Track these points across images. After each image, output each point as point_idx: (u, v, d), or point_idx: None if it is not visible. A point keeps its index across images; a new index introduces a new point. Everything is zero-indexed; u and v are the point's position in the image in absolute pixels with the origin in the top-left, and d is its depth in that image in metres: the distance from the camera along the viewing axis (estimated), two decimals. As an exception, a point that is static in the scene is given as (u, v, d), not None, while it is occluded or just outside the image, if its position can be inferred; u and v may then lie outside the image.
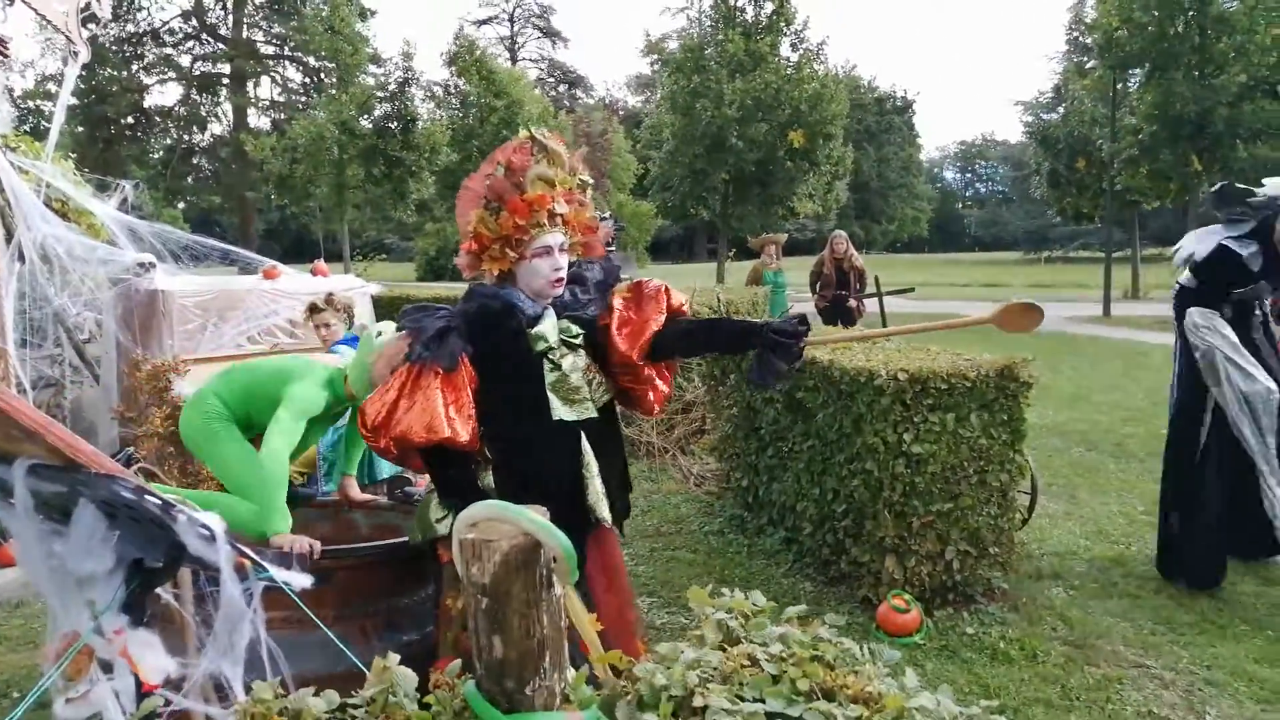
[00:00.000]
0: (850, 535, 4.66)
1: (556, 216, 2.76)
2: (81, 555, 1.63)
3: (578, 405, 2.82)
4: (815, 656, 1.28)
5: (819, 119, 25.40)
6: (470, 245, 2.77)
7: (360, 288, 7.13)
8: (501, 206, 2.70)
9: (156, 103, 48.24)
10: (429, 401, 2.58)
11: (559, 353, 2.81)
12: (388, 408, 2.63)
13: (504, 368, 2.74)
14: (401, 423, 2.59)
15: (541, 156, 2.75)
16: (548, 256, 2.74)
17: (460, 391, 2.65)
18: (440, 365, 2.63)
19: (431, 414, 2.56)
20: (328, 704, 1.23)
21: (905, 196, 62.03)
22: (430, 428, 2.56)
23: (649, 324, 2.88)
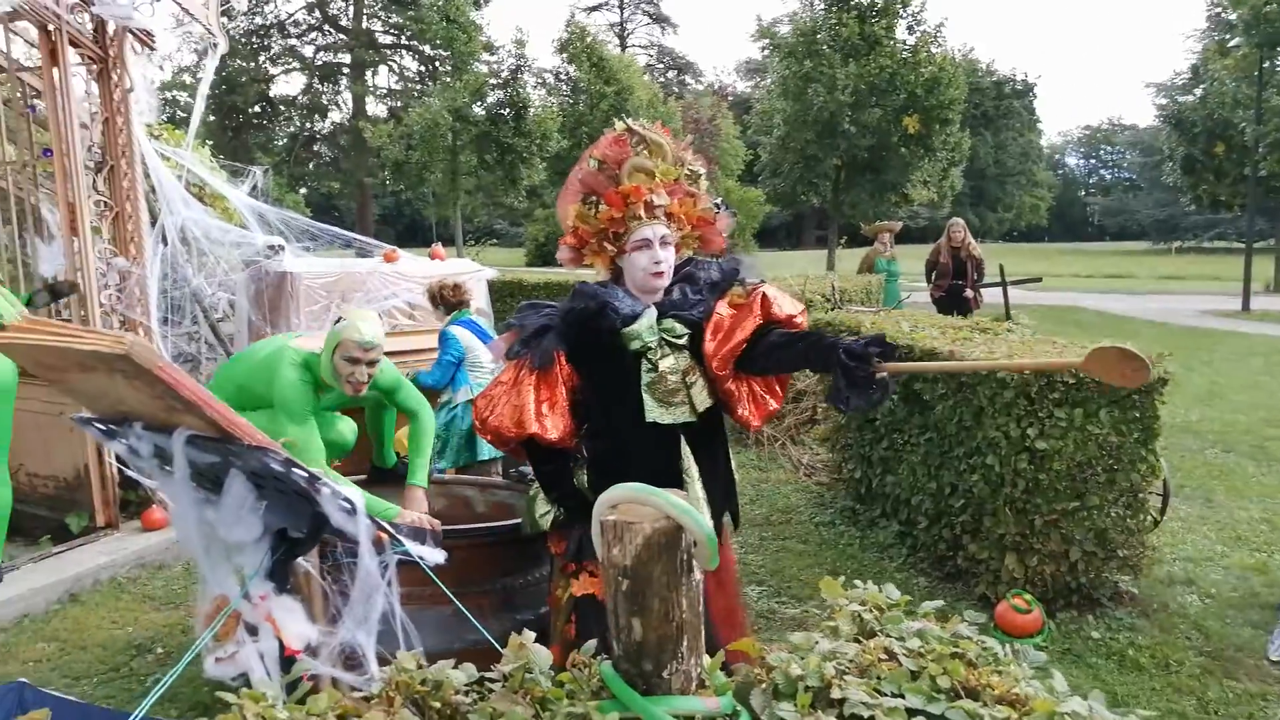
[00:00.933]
0: (968, 531, 4.53)
1: (656, 208, 2.68)
2: (231, 523, 1.71)
3: (674, 408, 2.73)
4: (956, 653, 1.24)
5: (936, 104, 24.69)
6: (570, 239, 2.77)
7: (476, 272, 7.28)
8: (598, 200, 2.67)
9: (281, 92, 50.23)
10: (522, 398, 2.62)
11: (658, 353, 2.72)
12: (492, 402, 2.69)
13: (601, 367, 2.73)
14: (496, 416, 2.65)
15: (641, 147, 2.70)
16: (646, 250, 2.66)
17: (554, 389, 2.67)
18: (534, 362, 2.66)
19: (522, 409, 2.60)
20: (467, 676, 1.26)
21: (1024, 183, 59.76)
22: (519, 422, 2.60)
23: (736, 333, 2.73)
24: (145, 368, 1.49)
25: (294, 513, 1.72)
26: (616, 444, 2.76)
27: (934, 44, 26.33)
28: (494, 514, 4.40)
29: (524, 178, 29.37)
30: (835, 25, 25.49)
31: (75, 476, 5.50)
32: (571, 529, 2.78)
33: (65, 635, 4.41)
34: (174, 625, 4.52)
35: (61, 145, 5.15)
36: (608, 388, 2.74)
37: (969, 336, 5.07)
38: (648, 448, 2.71)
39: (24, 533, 5.29)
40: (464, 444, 5.63)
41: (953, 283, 10.63)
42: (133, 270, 5.55)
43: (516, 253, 45.21)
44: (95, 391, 1.75)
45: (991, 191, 58.31)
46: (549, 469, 2.79)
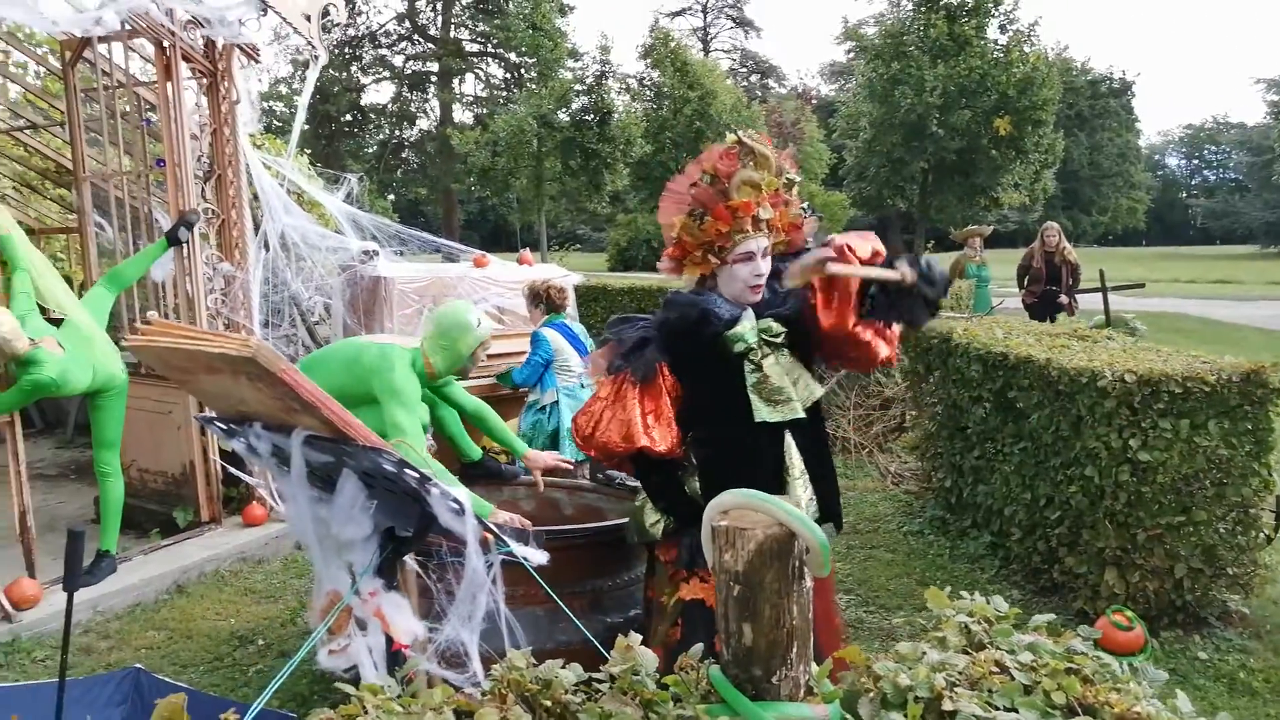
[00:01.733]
0: (1065, 544, 4.41)
1: (761, 222, 2.71)
2: (343, 520, 1.78)
3: (781, 406, 2.76)
4: (1071, 669, 1.22)
5: (1028, 104, 24.05)
6: (673, 251, 2.79)
7: (563, 277, 7.35)
8: (706, 213, 2.68)
9: (372, 100, 51.50)
10: (627, 412, 2.65)
11: (759, 353, 2.77)
12: (595, 418, 2.72)
13: (705, 373, 2.75)
14: (603, 433, 2.68)
15: (748, 160, 2.71)
16: (749, 262, 2.70)
17: (659, 400, 2.69)
18: (636, 376, 2.69)
19: (629, 423, 2.63)
20: (576, 676, 1.28)
21: (1120, 185, 57.70)
22: (628, 437, 2.63)
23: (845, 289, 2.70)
24: (269, 369, 1.56)
25: (402, 512, 1.77)
26: (725, 448, 2.78)
27: (1027, 43, 25.66)
28: (581, 516, 4.45)
29: (607, 183, 29.58)
30: (924, 26, 25.04)
31: (182, 473, 5.74)
32: (681, 536, 2.81)
33: (173, 625, 4.61)
34: (273, 618, 4.68)
35: (174, 156, 5.39)
36: (714, 393, 2.76)
37: (1066, 344, 4.94)
38: (757, 449, 2.74)
39: (135, 526, 5.55)
40: (548, 445, 5.71)
41: (1046, 288, 10.33)
42: (237, 275, 5.77)
43: (598, 257, 45.54)
44: (219, 392, 1.83)
45: (1086, 194, 56.45)
46: (657, 479, 2.82)
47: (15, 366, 4.32)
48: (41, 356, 4.31)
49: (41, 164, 8.07)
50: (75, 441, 8.33)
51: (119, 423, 4.94)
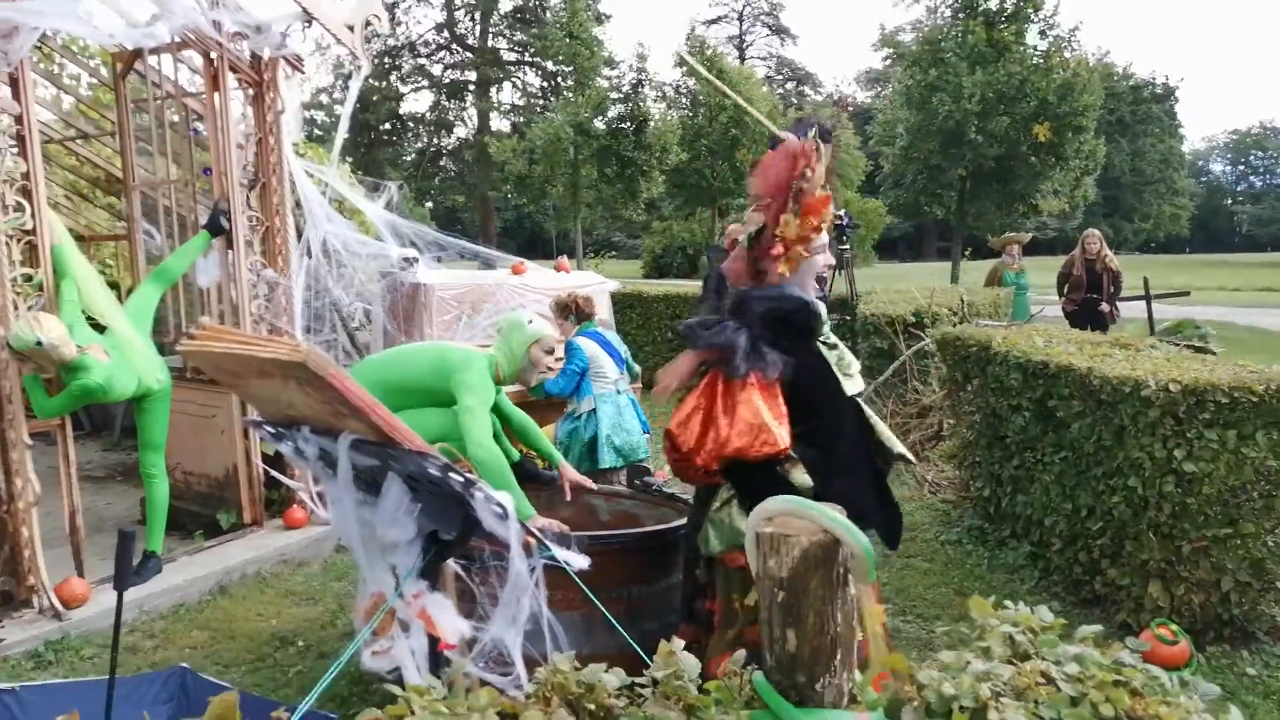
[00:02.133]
0: (1107, 555, 4.35)
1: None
2: (388, 523, 1.80)
3: (853, 379, 2.97)
4: (1119, 681, 1.21)
5: (1068, 110, 23.73)
6: (778, 249, 2.85)
7: (600, 284, 7.39)
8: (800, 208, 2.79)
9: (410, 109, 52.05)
10: (755, 415, 2.65)
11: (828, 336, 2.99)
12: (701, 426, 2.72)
13: (802, 360, 2.84)
14: (733, 439, 2.65)
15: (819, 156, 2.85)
16: (824, 253, 2.93)
17: (776, 398, 2.73)
18: (765, 375, 2.73)
19: (760, 427, 2.63)
20: (619, 680, 1.29)
21: (1162, 192, 56.76)
22: (766, 441, 2.63)
23: None
24: (319, 374, 1.60)
25: (446, 516, 1.79)
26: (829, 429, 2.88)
27: (1067, 49, 25.35)
28: (618, 522, 4.46)
29: (643, 190, 29.62)
30: (962, 32, 24.83)
31: (225, 476, 5.84)
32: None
33: (216, 625, 4.68)
34: (313, 620, 4.74)
35: (220, 164, 5.49)
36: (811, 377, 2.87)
37: (1108, 352, 4.87)
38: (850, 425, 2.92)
39: (180, 527, 5.64)
40: (585, 453, 5.73)
41: (1087, 296, 10.20)
42: (280, 281, 5.87)
43: (633, 265, 45.60)
44: (268, 396, 1.87)
45: (1127, 201, 55.60)
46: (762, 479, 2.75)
47: (64, 372, 4.43)
48: (89, 363, 4.43)
49: (92, 173, 8.25)
50: (122, 444, 8.49)
51: (163, 425, 5.04)
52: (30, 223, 4.47)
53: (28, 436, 4.51)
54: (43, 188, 4.55)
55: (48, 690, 3.14)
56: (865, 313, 8.29)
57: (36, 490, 4.54)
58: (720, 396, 2.72)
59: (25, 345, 4.23)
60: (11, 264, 4.42)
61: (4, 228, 4.36)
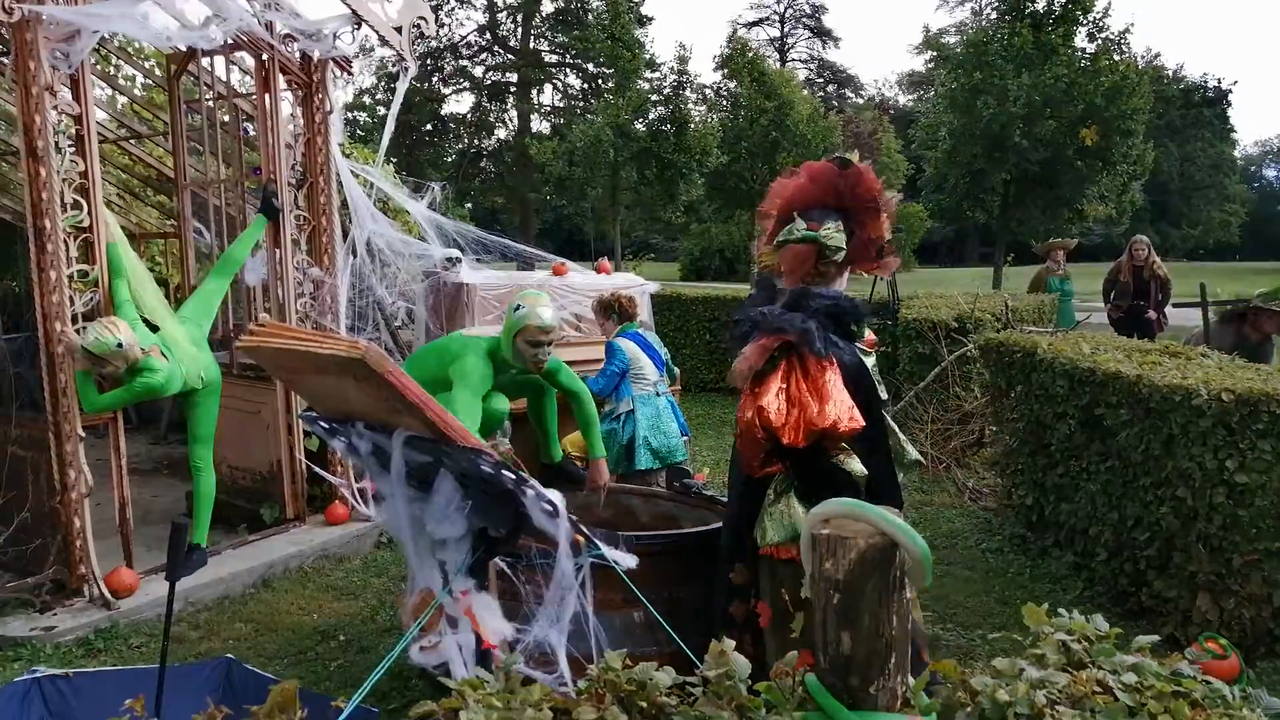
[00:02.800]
0: (1154, 567, 4.28)
1: None
2: (439, 520, 1.83)
3: (882, 385, 3.18)
4: (1178, 692, 1.19)
5: (1116, 114, 23.33)
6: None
7: (640, 285, 7.40)
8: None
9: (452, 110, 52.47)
10: (840, 392, 2.81)
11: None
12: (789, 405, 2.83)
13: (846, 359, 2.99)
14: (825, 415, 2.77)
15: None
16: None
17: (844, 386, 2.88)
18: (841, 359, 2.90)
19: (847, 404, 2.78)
20: (670, 679, 1.30)
21: (1213, 198, 55.64)
22: (854, 418, 2.77)
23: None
24: (377, 371, 1.62)
25: (495, 513, 1.81)
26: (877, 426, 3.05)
27: (1116, 51, 24.93)
28: (657, 524, 4.47)
29: (682, 193, 29.59)
30: (1008, 35, 24.51)
31: (269, 471, 5.93)
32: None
33: (259, 617, 4.76)
34: (354, 615, 4.79)
35: (269, 164, 5.58)
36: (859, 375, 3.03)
37: (1158, 360, 4.79)
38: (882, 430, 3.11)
39: (225, 521, 5.74)
40: (623, 454, 5.74)
41: (1134, 303, 10.04)
42: (326, 280, 5.95)
43: (671, 267, 45.63)
44: (323, 392, 1.91)
45: (1175, 207, 54.59)
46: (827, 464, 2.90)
47: (126, 373, 4.56)
48: (153, 364, 4.58)
49: (144, 171, 8.42)
50: (168, 438, 8.65)
51: (212, 420, 5.13)
52: (87, 220, 4.58)
53: (81, 429, 4.62)
54: (99, 187, 4.66)
55: (98, 677, 3.22)
56: (907, 317, 8.23)
57: (89, 482, 4.65)
58: (802, 379, 2.85)
59: (105, 349, 4.37)
60: (69, 261, 4.53)
61: (62, 225, 4.46)
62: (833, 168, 3.18)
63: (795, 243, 3.12)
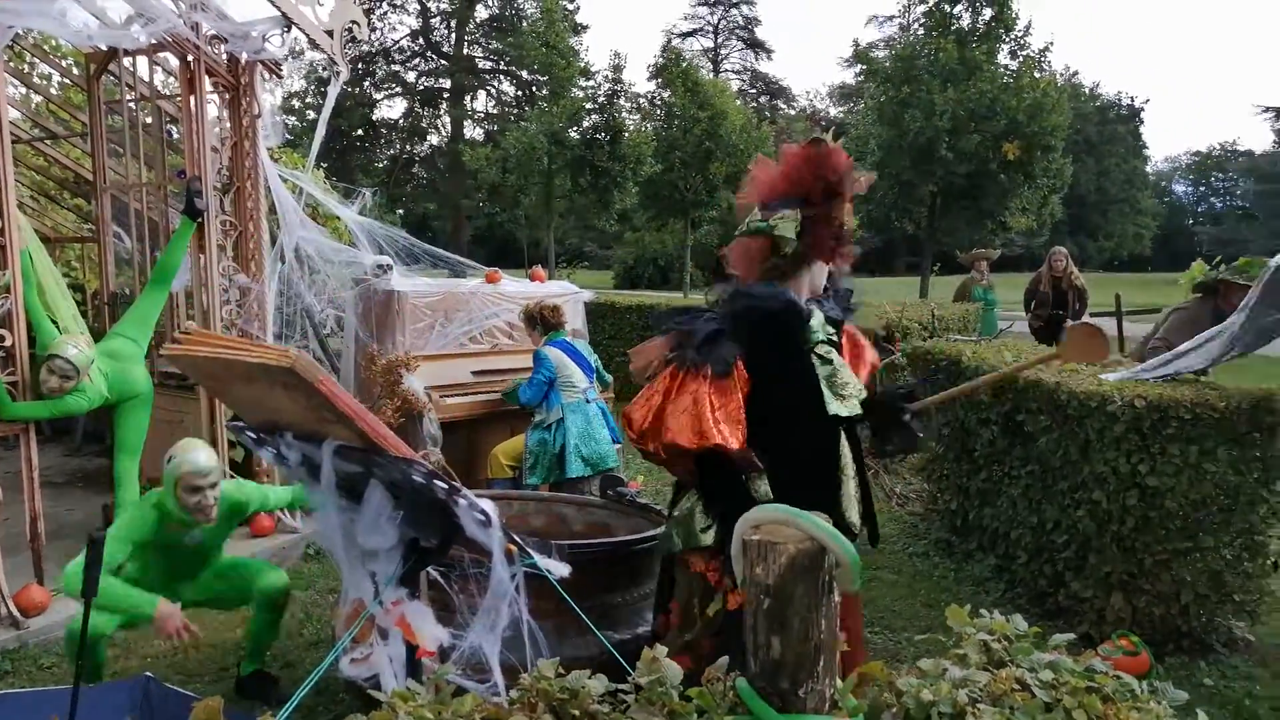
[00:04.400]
0: (1071, 568, 4.42)
1: None
2: (369, 531, 1.81)
3: (848, 401, 2.84)
4: (1091, 688, 1.24)
5: (1037, 130, 24.09)
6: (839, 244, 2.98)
7: (574, 294, 7.40)
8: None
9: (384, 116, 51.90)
10: (697, 406, 2.56)
11: (826, 348, 2.87)
12: (654, 412, 2.63)
13: (779, 365, 2.75)
14: (670, 429, 2.58)
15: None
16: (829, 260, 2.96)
17: (730, 396, 2.62)
18: (712, 369, 2.62)
19: (700, 419, 2.53)
20: (603, 686, 1.31)
21: (1127, 211, 57.80)
22: (700, 433, 2.53)
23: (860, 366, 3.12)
24: (307, 380, 1.60)
25: (428, 523, 1.80)
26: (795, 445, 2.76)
27: (1037, 69, 25.73)
28: (589, 532, 4.47)
29: (616, 201, 29.67)
30: (934, 50, 25.12)
31: (193, 482, 5.75)
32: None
33: (181, 633, 4.61)
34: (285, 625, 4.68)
35: (194, 168, 5.45)
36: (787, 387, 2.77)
37: (1074, 368, 4.96)
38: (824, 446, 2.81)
39: (146, 534, 5.55)
40: (554, 462, 5.75)
41: (1053, 312, 10.36)
42: (253, 287, 5.83)
43: (605, 275, 45.68)
44: (251, 401, 1.87)
45: (1092, 219, 56.54)
46: (723, 482, 2.70)
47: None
48: (86, 387, 4.50)
49: (60, 174, 8.15)
50: (83, 450, 8.36)
51: (142, 431, 5.00)
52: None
53: (-9, 441, 4.47)
54: (12, 189, 4.50)
55: (5, 700, 3.09)
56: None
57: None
58: (675, 385, 2.64)
59: (86, 361, 4.29)
60: (-21, 265, 4.37)
61: (-28, 229, 4.31)
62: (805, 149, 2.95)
63: (744, 235, 2.90)
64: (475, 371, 6.56)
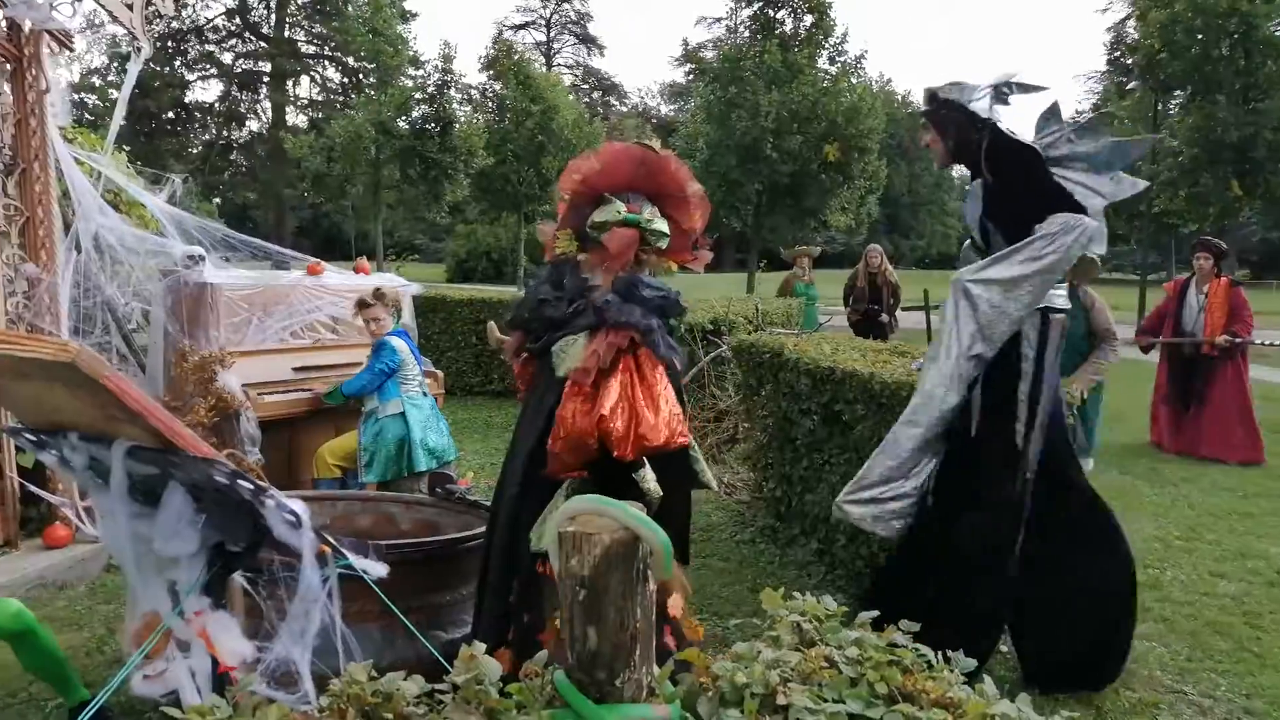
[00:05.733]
0: (885, 549, 4.65)
1: None
2: (168, 537, 1.68)
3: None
4: (892, 661, 1.31)
5: (855, 132, 25.33)
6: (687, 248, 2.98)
7: (402, 286, 7.20)
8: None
9: (197, 98, 49.02)
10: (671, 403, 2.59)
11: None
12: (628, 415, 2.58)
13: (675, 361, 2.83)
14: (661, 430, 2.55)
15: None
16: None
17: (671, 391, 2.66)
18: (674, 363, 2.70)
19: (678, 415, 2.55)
20: (418, 688, 1.27)
21: (935, 213, 61.75)
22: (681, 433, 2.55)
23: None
24: (91, 376, 1.47)
25: (234, 526, 1.70)
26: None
27: (854, 74, 27.05)
28: (418, 531, 4.37)
29: (447, 193, 29.15)
30: (759, 53, 25.97)
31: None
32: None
33: (-39, 658, 4.21)
34: (78, 647, 4.34)
35: (-30, 146, 4.96)
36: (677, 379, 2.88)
37: (888, 359, 5.23)
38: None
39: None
40: (394, 456, 5.59)
41: (869, 307, 10.92)
42: (43, 277, 5.36)
43: (437, 268, 44.81)
44: (29, 400, 1.70)
45: (906, 219, 60.10)
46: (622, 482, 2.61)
47: None
48: None
49: None
50: None
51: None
52: None
53: None
54: None
55: None
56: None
57: None
58: (638, 384, 2.60)
59: None
60: None
61: None
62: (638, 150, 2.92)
63: (619, 225, 2.80)
64: (297, 368, 6.27)
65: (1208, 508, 6.67)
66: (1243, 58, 21.75)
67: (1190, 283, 8.50)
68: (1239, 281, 8.42)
